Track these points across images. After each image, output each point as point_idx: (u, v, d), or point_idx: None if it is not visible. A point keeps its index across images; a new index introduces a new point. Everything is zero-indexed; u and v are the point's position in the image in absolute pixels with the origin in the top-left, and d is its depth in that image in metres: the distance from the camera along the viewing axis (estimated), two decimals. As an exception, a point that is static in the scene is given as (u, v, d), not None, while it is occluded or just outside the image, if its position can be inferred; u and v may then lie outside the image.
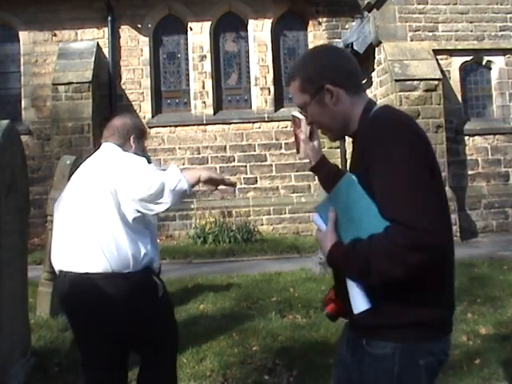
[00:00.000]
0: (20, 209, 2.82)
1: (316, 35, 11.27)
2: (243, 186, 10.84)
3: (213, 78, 11.11)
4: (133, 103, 10.86)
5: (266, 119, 10.97)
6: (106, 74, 10.77)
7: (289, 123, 11.09)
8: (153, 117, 10.74)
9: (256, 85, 11.13)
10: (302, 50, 11.48)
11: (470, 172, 8.93)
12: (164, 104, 11.06)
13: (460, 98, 9.00)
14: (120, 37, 10.95)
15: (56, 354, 3.10)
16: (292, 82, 1.55)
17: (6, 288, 2.63)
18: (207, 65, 11.07)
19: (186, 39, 11.23)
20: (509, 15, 9.02)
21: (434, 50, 8.74)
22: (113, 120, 2.46)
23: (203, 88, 10.99)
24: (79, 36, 10.86)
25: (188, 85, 11.18)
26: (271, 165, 10.73)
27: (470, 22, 8.93)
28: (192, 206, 10.60)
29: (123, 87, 10.89)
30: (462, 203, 8.64)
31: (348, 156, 10.90)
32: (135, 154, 2.31)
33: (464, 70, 9.12)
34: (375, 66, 9.03)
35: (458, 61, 8.99)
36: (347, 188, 1.40)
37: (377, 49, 8.87)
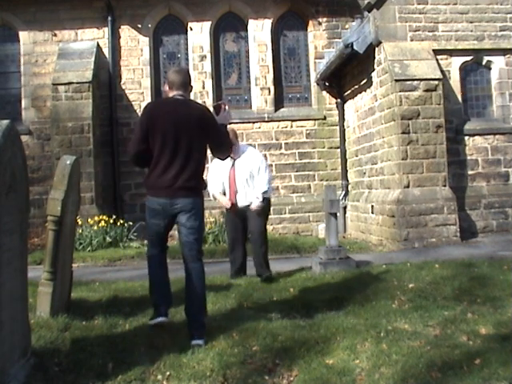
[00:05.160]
0: (20, 209, 2.82)
1: (316, 35, 11.28)
2: (243, 185, 10.84)
3: (213, 78, 11.11)
4: (133, 103, 10.87)
5: (266, 119, 10.98)
6: (105, 74, 10.78)
7: (289, 123, 11.11)
8: (153, 117, 10.74)
9: (256, 85, 11.14)
10: (302, 49, 11.50)
11: (470, 172, 8.93)
12: (164, 104, 11.07)
13: (460, 98, 9.00)
14: (120, 37, 10.96)
15: (56, 353, 3.10)
16: None
17: (6, 288, 2.63)
18: (207, 65, 11.07)
19: (186, 39, 11.24)
20: (509, 15, 9.02)
21: (434, 50, 8.74)
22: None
23: (203, 88, 10.99)
24: (79, 36, 10.87)
25: (188, 85, 11.17)
26: (271, 165, 10.73)
27: (470, 22, 8.93)
28: (192, 206, 10.59)
29: (123, 87, 10.90)
30: (462, 203, 8.64)
31: (348, 156, 10.91)
32: None
33: (464, 69, 9.13)
34: (375, 66, 9.03)
35: (457, 61, 9.00)
36: None
37: (377, 49, 8.87)
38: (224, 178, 5.78)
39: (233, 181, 5.73)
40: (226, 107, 3.78)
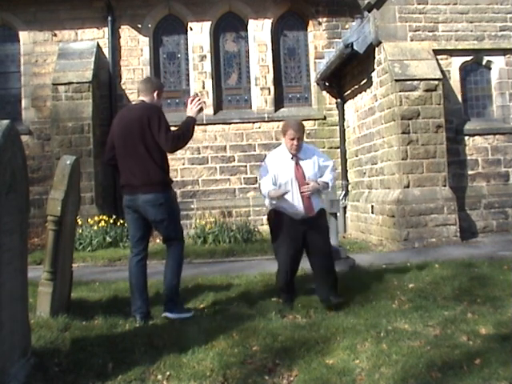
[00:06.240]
0: (20, 209, 2.82)
1: (316, 35, 11.28)
2: (243, 185, 10.85)
3: (213, 78, 11.11)
4: (133, 103, 10.85)
5: (266, 119, 10.98)
6: (105, 74, 10.78)
7: (289, 123, 11.09)
8: (153, 117, 10.74)
9: (256, 85, 11.14)
10: (302, 49, 11.50)
11: (470, 172, 8.93)
12: (164, 104, 11.05)
13: (460, 98, 9.00)
14: (120, 37, 10.96)
15: (56, 353, 3.10)
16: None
17: (6, 288, 2.63)
18: (207, 65, 11.07)
19: (186, 39, 11.24)
20: (509, 15, 9.02)
21: (434, 50, 8.74)
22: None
23: (203, 88, 10.99)
24: (79, 36, 10.87)
25: (188, 85, 11.19)
26: (271, 165, 10.71)
27: (470, 22, 8.93)
28: (192, 206, 10.61)
29: (123, 87, 10.90)
30: (462, 203, 8.64)
31: (348, 156, 10.91)
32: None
33: (464, 69, 9.12)
34: (375, 66, 9.03)
35: (457, 61, 8.99)
36: None
37: (377, 49, 8.87)
38: (283, 180, 4.47)
39: (302, 179, 4.44)
40: (194, 100, 4.17)
